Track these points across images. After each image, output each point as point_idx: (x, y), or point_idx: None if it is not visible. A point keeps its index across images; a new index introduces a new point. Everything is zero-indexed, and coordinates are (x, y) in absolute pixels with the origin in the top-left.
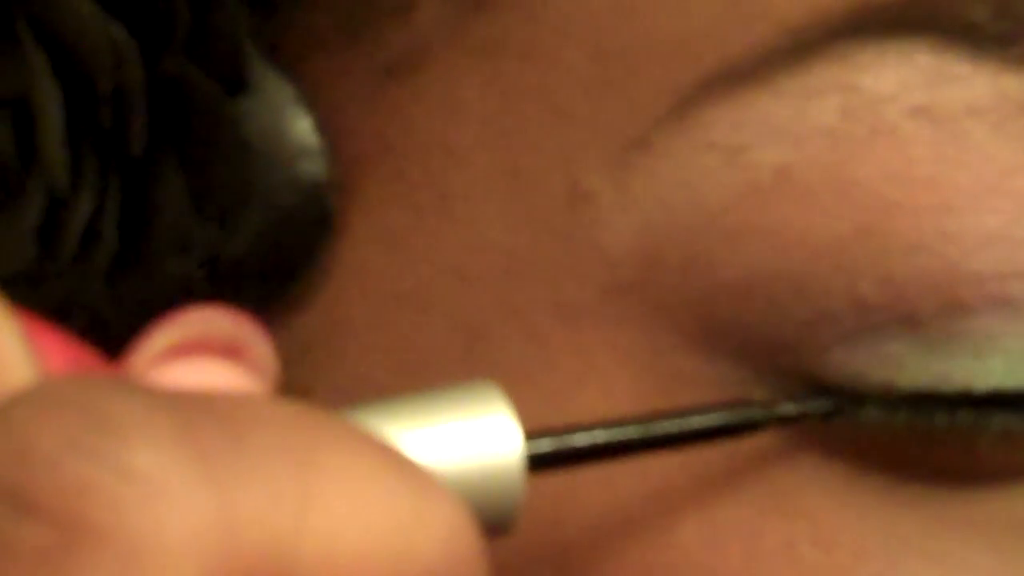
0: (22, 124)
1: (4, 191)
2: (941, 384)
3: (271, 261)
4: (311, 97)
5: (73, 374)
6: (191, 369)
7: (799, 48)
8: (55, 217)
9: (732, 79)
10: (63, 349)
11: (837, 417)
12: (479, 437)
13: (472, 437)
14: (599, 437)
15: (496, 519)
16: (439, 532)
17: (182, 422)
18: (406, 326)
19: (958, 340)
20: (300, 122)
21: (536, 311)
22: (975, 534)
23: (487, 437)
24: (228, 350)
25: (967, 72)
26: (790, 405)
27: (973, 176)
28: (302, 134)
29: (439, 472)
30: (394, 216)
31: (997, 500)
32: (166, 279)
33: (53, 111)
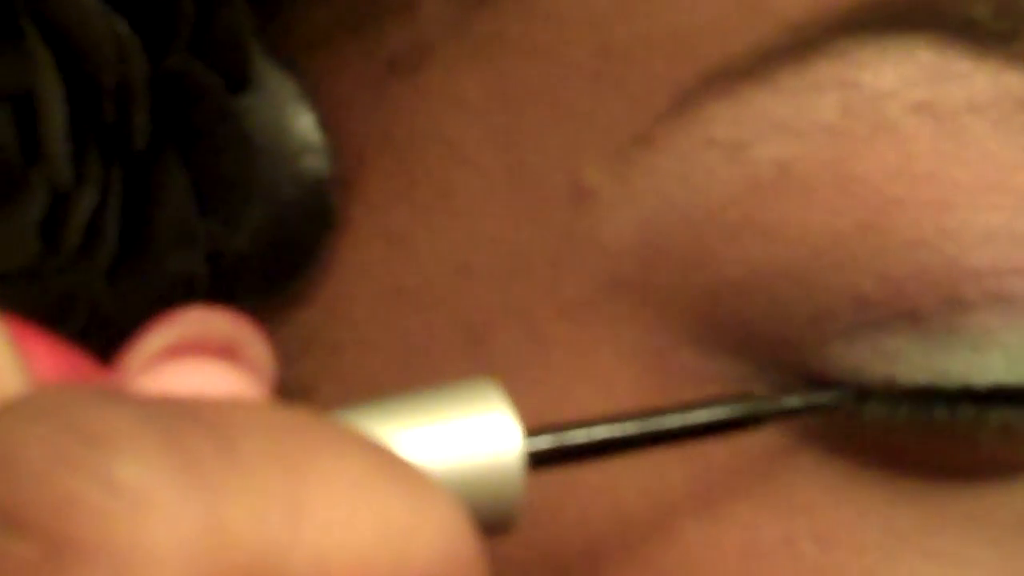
0: (26, 118)
1: (7, 185)
2: (941, 379)
3: (273, 257)
4: (314, 93)
5: (59, 384)
6: (187, 370)
7: (800, 45)
8: (58, 211)
9: (733, 75)
10: (54, 354)
11: (841, 410)
12: (478, 435)
13: (471, 435)
14: (600, 433)
15: (496, 518)
16: (435, 536)
17: (169, 432)
18: (407, 322)
19: (957, 335)
20: (303, 118)
21: (537, 307)
22: (974, 530)
23: (486, 435)
24: (224, 351)
25: (968, 69)
26: (794, 398)
27: (973, 173)
28: (305, 130)
29: (437, 472)
30: (396, 212)
31: (996, 496)
32: (168, 274)
33: (56, 105)
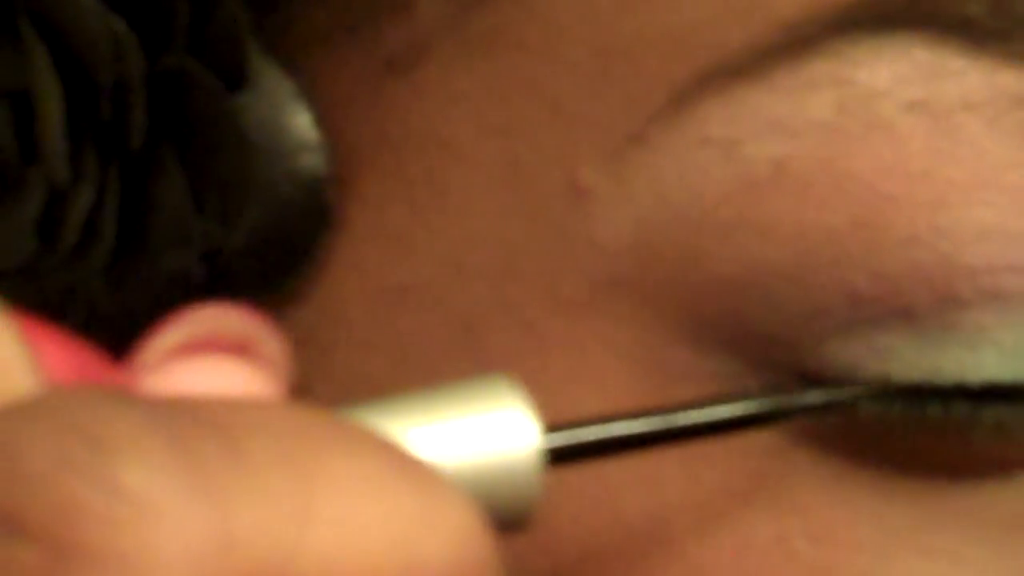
0: (22, 117)
1: (4, 183)
2: (935, 377)
3: (270, 255)
4: (311, 92)
5: (67, 386)
6: (201, 367)
7: (795, 43)
8: (55, 210)
9: (728, 74)
10: (65, 350)
11: (864, 406)
12: (494, 431)
13: (487, 431)
14: (618, 430)
15: (511, 516)
16: (448, 540)
17: (176, 436)
18: (403, 320)
19: (952, 333)
20: (300, 117)
21: (532, 305)
22: (968, 528)
23: (502, 431)
24: (238, 347)
25: (962, 67)
26: (816, 394)
27: (967, 171)
28: (302, 129)
29: (452, 469)
30: (392, 210)
31: (990, 494)
32: (165, 272)
33: (53, 104)
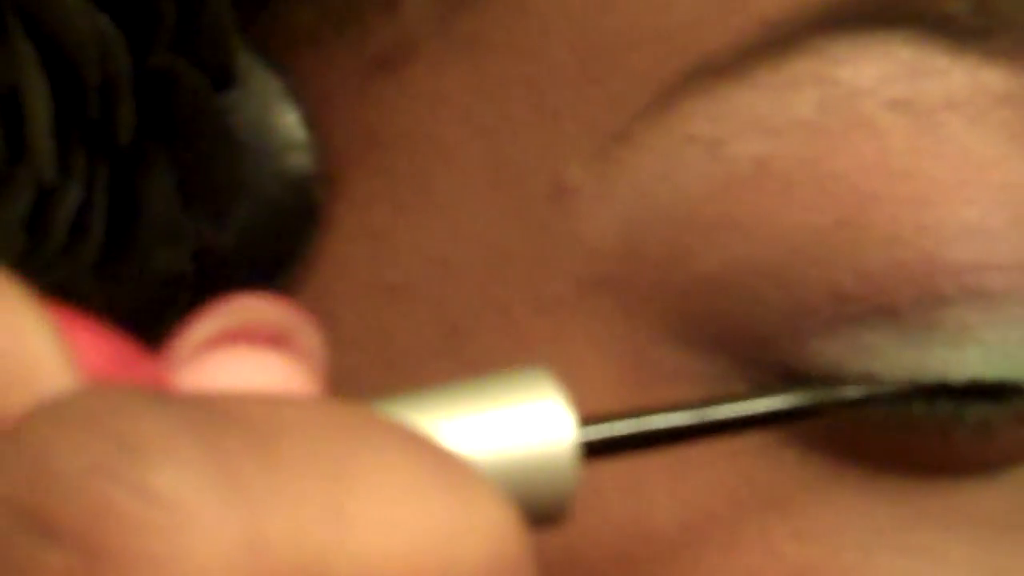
0: (10, 115)
1: None
2: (919, 375)
3: (258, 253)
4: (299, 91)
5: (99, 384)
6: (236, 360)
7: (777, 41)
8: (43, 208)
9: (711, 72)
10: (100, 342)
11: (902, 402)
12: (529, 424)
13: (522, 424)
14: (654, 423)
15: (546, 510)
16: (483, 539)
17: (209, 438)
18: (390, 318)
19: (935, 331)
20: (287, 116)
21: (517, 303)
22: (951, 527)
23: (537, 424)
24: (275, 339)
25: (945, 65)
26: (853, 388)
27: (950, 168)
28: (289, 127)
29: (487, 462)
30: (380, 209)
31: (973, 492)
32: (154, 271)
33: (41, 102)
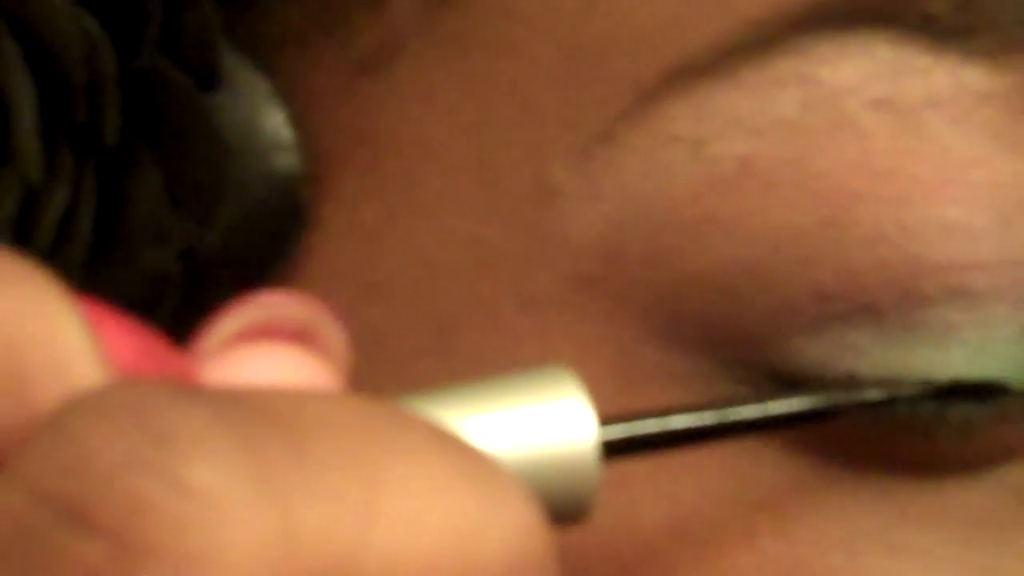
0: None
1: None
2: (902, 374)
3: (245, 254)
4: (285, 91)
5: (133, 379)
6: (261, 355)
7: (760, 41)
8: (30, 209)
9: (694, 72)
10: (129, 336)
11: (921, 404)
12: (551, 422)
13: (544, 422)
14: (676, 423)
15: (567, 509)
16: (507, 536)
17: (242, 433)
18: (377, 318)
19: (918, 330)
20: (274, 116)
21: (503, 303)
22: (935, 526)
23: (559, 422)
24: (300, 335)
25: (927, 65)
26: (875, 391)
27: (932, 168)
28: (276, 128)
29: (509, 460)
30: (366, 209)
31: (956, 491)
32: (141, 271)
33: (26, 103)
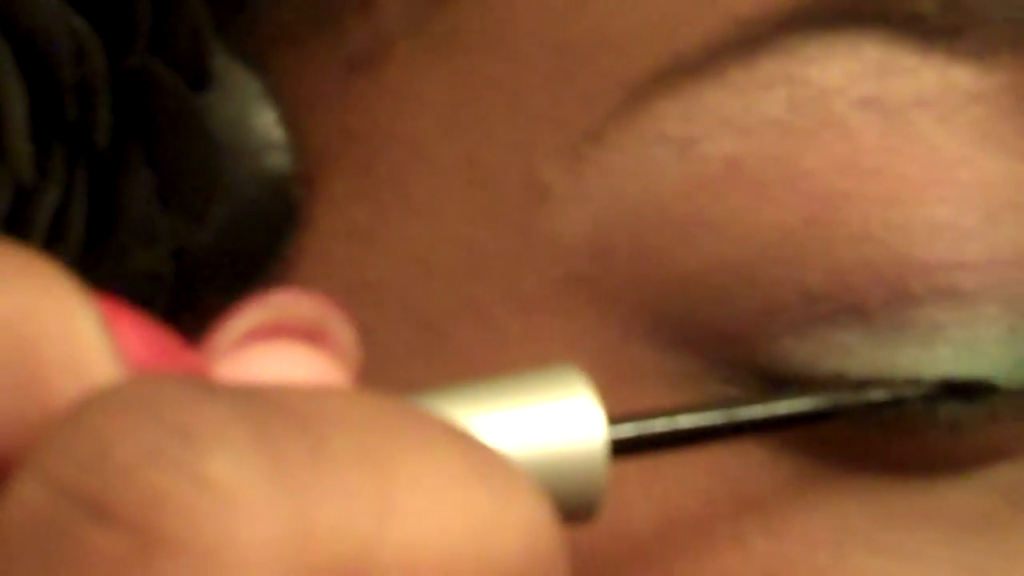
0: None
1: None
2: (890, 374)
3: (236, 253)
4: (276, 91)
5: (151, 373)
6: (273, 354)
7: (748, 41)
8: (22, 209)
9: (683, 72)
10: (143, 333)
11: (926, 403)
12: (560, 421)
13: (553, 421)
14: (683, 423)
15: (575, 507)
16: (520, 532)
17: (259, 428)
18: (368, 317)
19: (906, 330)
20: (265, 115)
21: (492, 302)
22: (924, 526)
23: (568, 421)
24: (311, 334)
25: (914, 64)
26: (880, 391)
27: (920, 167)
28: (267, 127)
29: (519, 458)
30: (358, 208)
31: (945, 491)
32: (133, 271)
33: (17, 104)
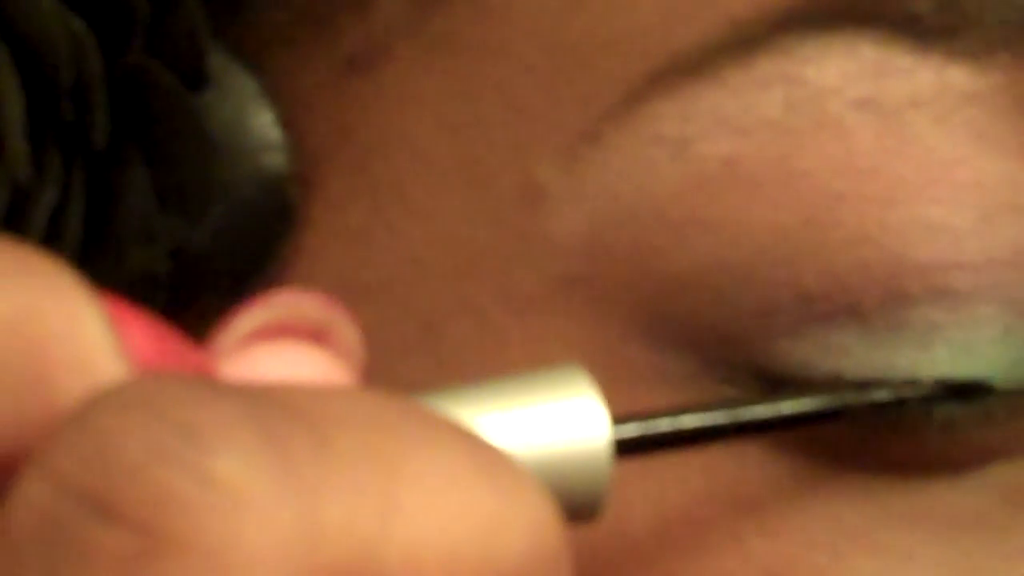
0: None
1: None
2: (886, 374)
3: (234, 254)
4: (273, 91)
5: (156, 372)
6: (278, 353)
7: (744, 41)
8: (19, 210)
9: (679, 72)
10: (148, 332)
11: (930, 403)
12: (564, 421)
13: (557, 421)
14: (688, 422)
15: (579, 506)
16: (525, 530)
17: (266, 427)
18: (364, 318)
19: (902, 330)
20: (262, 116)
21: (489, 302)
22: (920, 526)
23: (573, 421)
24: (315, 334)
25: (910, 64)
26: (884, 391)
27: (916, 168)
28: (264, 128)
29: (523, 457)
30: (354, 209)
31: (941, 492)
32: (130, 272)
33: (14, 104)
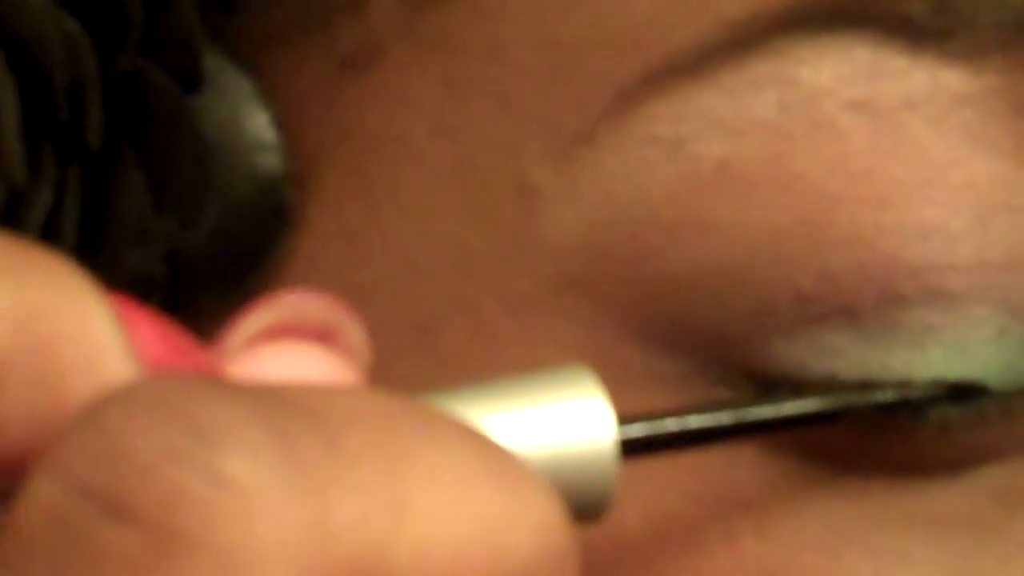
0: None
1: None
2: (881, 376)
3: (229, 254)
4: (268, 92)
5: (167, 372)
6: (284, 353)
7: (739, 42)
8: (14, 211)
9: (673, 73)
10: (158, 333)
11: (933, 404)
12: (571, 421)
13: (564, 421)
14: (693, 423)
15: (585, 506)
16: (533, 530)
17: (277, 427)
18: (360, 318)
19: (896, 332)
20: (257, 117)
21: (484, 303)
22: (914, 528)
23: (579, 421)
24: (322, 334)
25: (904, 66)
26: (887, 392)
27: (910, 169)
28: (259, 128)
29: (530, 458)
30: (350, 209)
31: (937, 493)
32: (126, 273)
33: (8, 105)
